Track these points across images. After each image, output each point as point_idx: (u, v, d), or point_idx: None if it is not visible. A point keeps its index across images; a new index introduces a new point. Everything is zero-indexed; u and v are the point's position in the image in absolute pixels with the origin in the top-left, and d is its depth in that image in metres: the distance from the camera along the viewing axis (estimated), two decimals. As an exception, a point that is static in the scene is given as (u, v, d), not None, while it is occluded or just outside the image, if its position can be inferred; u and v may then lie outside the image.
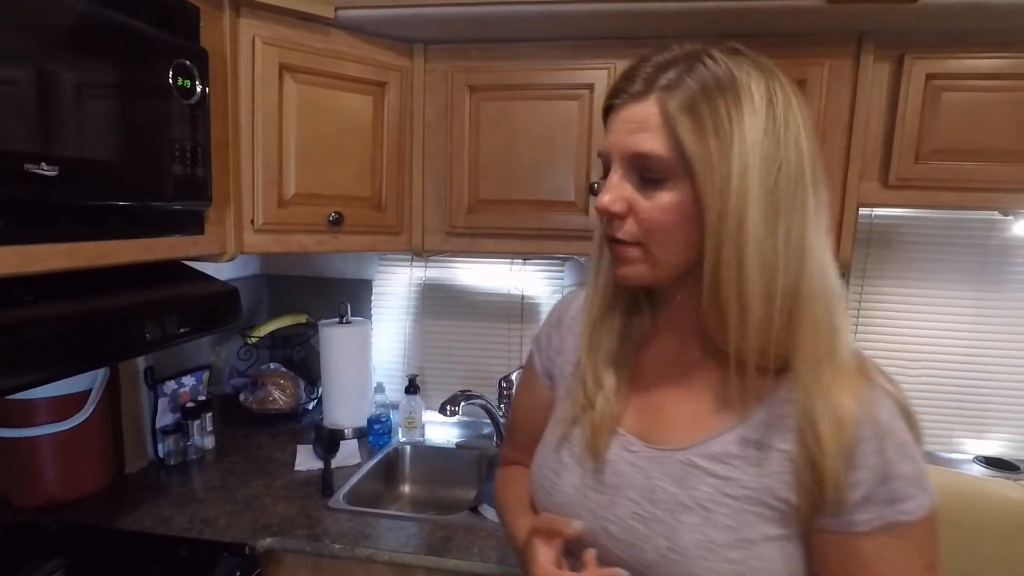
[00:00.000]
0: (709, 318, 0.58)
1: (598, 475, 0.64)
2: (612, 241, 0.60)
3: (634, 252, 0.59)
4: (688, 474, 0.60)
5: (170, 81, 0.93)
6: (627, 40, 1.21)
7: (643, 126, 0.56)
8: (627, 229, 0.58)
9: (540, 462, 0.71)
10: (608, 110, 0.61)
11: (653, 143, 0.55)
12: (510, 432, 0.87)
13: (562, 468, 0.67)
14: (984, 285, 1.49)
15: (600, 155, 0.62)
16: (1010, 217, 1.39)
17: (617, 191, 0.58)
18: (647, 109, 0.56)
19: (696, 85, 0.55)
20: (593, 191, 1.24)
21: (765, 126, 0.54)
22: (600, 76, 1.22)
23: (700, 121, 0.54)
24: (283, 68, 1.15)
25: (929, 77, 1.13)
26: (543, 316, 1.68)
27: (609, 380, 0.66)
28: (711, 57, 0.56)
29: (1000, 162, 1.13)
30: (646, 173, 0.57)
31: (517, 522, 0.74)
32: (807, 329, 0.56)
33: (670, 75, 0.56)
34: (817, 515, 0.56)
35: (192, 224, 1.04)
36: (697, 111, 0.54)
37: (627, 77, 0.58)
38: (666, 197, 0.56)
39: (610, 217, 0.59)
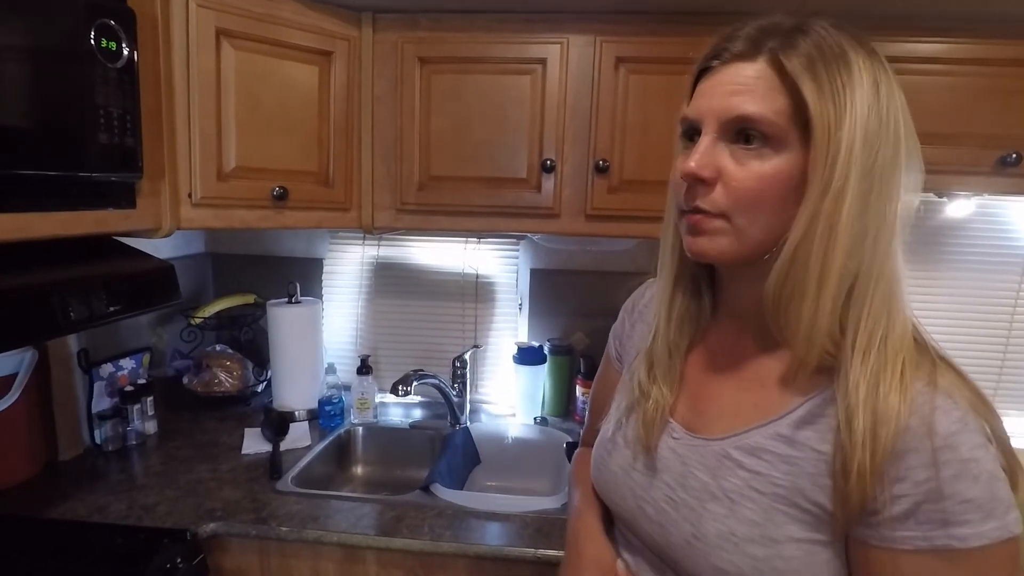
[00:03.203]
0: (775, 304, 0.55)
1: (644, 459, 0.66)
2: (691, 212, 0.57)
3: (717, 224, 0.55)
4: (721, 464, 0.59)
5: (92, 43, 0.86)
6: (580, 15, 1.19)
7: (748, 88, 0.53)
8: (713, 198, 0.55)
9: (598, 442, 0.74)
10: (700, 74, 0.58)
11: (761, 105, 0.52)
12: (588, 415, 0.91)
13: (614, 448, 0.69)
14: (919, 266, 1.55)
15: (686, 119, 0.58)
16: (944, 199, 1.44)
17: (708, 156, 0.54)
18: (755, 70, 0.53)
19: (813, 47, 0.52)
20: (546, 168, 1.23)
21: (870, 103, 0.51)
22: (553, 51, 1.20)
23: (820, 84, 0.51)
24: (220, 33, 1.09)
25: (872, 60, 1.15)
26: (498, 295, 1.68)
27: (664, 374, 0.66)
28: (818, 26, 0.54)
29: (935, 145, 1.17)
30: (746, 138, 0.53)
31: (575, 496, 0.80)
32: (857, 329, 0.53)
33: (779, 38, 0.53)
34: (854, 524, 0.52)
35: (122, 197, 0.98)
36: (817, 72, 0.51)
37: (727, 38, 0.56)
38: (767, 165, 0.53)
39: (694, 184, 0.55)
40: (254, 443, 1.40)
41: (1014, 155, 1.14)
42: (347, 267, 1.72)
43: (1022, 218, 1.50)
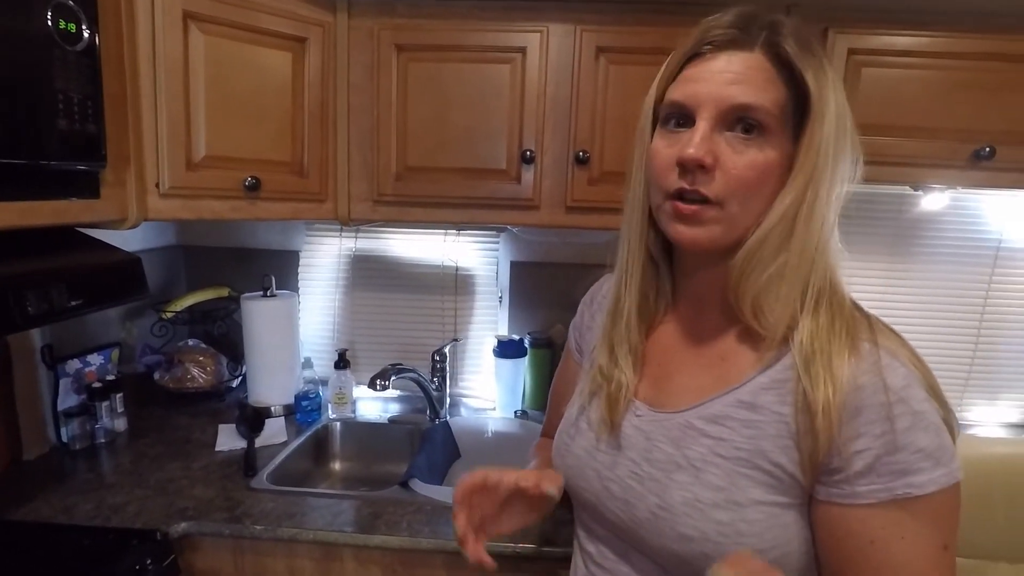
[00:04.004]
0: (739, 281, 0.57)
1: (608, 439, 0.66)
2: (683, 201, 0.57)
3: (712, 212, 0.56)
4: (684, 435, 0.60)
5: (49, 24, 0.82)
6: (561, 3, 1.17)
7: (746, 77, 0.54)
8: (713, 186, 0.55)
9: (561, 429, 0.75)
10: (689, 60, 0.58)
11: (761, 96, 0.54)
12: (548, 407, 0.92)
13: (577, 433, 0.70)
14: (895, 258, 1.57)
15: (676, 104, 0.58)
16: (920, 192, 1.46)
17: (707, 143, 0.55)
18: (752, 60, 0.54)
19: (799, 42, 0.55)
20: (526, 159, 1.21)
21: (835, 92, 0.55)
22: (533, 40, 1.18)
23: (814, 75, 0.54)
24: (187, 16, 1.04)
25: (851, 52, 1.15)
26: (478, 288, 1.66)
27: (626, 357, 0.67)
28: (789, 22, 0.56)
29: (911, 138, 1.17)
30: (743, 128, 0.55)
31: (530, 465, 0.84)
32: (814, 280, 0.57)
33: (768, 29, 0.55)
34: (817, 484, 0.54)
35: (85, 187, 0.94)
36: (810, 65, 0.54)
37: (716, 25, 0.57)
38: (762, 155, 0.55)
39: (693, 170, 0.56)
40: (228, 440, 1.37)
41: (988, 149, 1.15)
42: (324, 259, 1.68)
43: (994, 211, 1.52)
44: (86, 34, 0.87)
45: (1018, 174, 1.19)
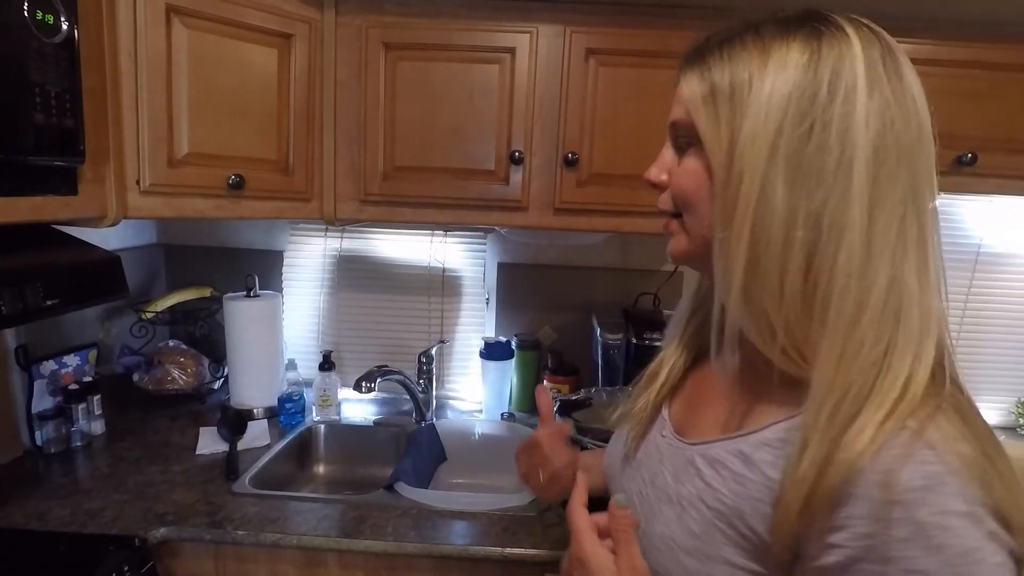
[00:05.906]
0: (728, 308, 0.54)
1: (633, 451, 0.69)
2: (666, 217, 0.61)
3: (674, 224, 0.59)
4: (685, 470, 0.59)
5: (26, 15, 0.80)
6: (550, 3, 1.17)
7: (678, 98, 0.57)
8: (664, 198, 0.59)
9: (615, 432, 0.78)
10: None
11: (679, 111, 0.56)
12: None
13: (617, 439, 0.74)
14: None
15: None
16: (903, 197, 1.48)
17: (660, 162, 0.59)
18: (683, 82, 0.57)
19: (724, 55, 0.53)
20: (514, 160, 1.20)
21: (795, 86, 0.48)
22: (522, 40, 1.18)
23: (714, 88, 0.52)
24: (170, 10, 1.02)
25: (838, 58, 1.16)
26: (465, 289, 1.65)
27: (650, 381, 0.70)
28: (758, 27, 0.53)
29: (897, 143, 1.19)
30: (677, 141, 0.58)
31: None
32: (831, 333, 0.47)
33: (707, 51, 0.55)
34: (791, 567, 0.47)
35: (62, 183, 0.92)
36: (713, 81, 0.52)
37: (683, 55, 0.59)
38: (688, 163, 0.56)
39: (653, 189, 0.60)
40: (209, 443, 1.34)
41: (970, 155, 1.17)
42: (308, 259, 1.66)
43: (974, 217, 1.55)
44: (64, 26, 0.85)
45: (999, 180, 1.21)
